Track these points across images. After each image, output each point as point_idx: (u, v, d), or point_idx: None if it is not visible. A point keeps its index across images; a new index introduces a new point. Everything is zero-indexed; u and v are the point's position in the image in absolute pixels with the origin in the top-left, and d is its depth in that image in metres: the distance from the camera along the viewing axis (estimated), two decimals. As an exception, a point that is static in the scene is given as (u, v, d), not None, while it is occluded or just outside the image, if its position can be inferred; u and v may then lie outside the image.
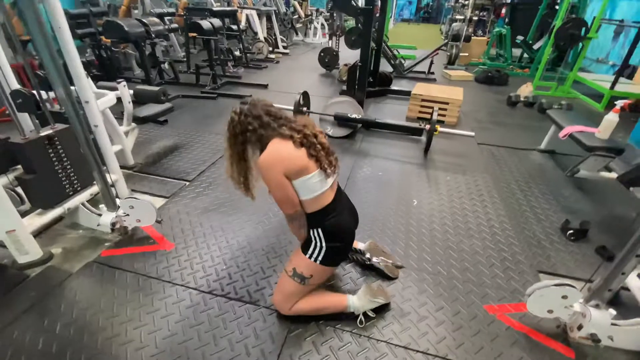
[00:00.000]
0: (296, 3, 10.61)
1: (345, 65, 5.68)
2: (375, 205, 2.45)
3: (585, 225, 2.16)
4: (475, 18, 9.76)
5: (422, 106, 4.16)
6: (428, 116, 4.00)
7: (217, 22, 4.88)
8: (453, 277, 1.84)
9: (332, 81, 5.99)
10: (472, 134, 3.17)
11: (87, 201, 2.07)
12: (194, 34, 5.24)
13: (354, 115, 3.52)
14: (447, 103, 4.04)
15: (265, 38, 7.63)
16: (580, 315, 1.44)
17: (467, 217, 2.37)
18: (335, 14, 6.87)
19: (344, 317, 1.56)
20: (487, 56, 7.84)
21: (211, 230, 2.12)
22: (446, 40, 6.33)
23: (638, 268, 1.34)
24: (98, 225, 2.02)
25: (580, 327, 1.44)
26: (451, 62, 7.31)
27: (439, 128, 3.25)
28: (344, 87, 4.59)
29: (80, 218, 2.10)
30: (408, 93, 4.44)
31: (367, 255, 1.82)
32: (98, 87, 2.64)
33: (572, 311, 1.45)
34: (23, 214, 1.78)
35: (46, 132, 1.76)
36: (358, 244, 1.86)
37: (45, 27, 1.48)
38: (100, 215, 2.01)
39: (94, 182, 1.98)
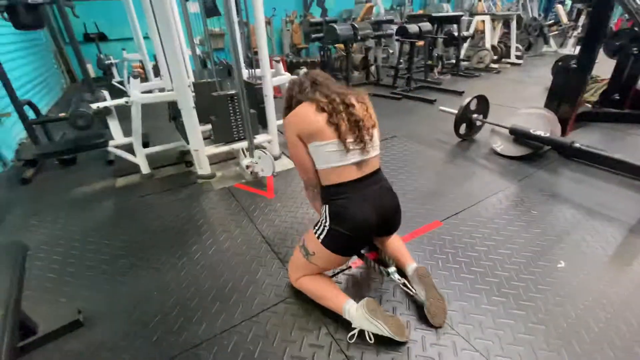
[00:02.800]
0: (560, 7, 8.63)
1: (600, 79, 4.18)
2: (499, 245, 1.79)
3: None
4: None
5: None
6: None
7: (426, 26, 4.88)
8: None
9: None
10: None
11: (246, 149, 2.81)
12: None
13: (538, 132, 2.62)
14: None
15: (493, 46, 6.80)
16: None
17: (657, 324, 1.31)
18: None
19: (343, 322, 1.36)
20: None
21: (302, 200, 2.33)
22: None
23: None
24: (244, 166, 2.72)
25: None
26: None
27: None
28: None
29: (240, 159, 2.89)
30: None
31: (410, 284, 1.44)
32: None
33: None
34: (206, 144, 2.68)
35: (231, 92, 2.55)
36: (409, 264, 1.49)
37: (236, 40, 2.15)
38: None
39: (256, 135, 2.65)
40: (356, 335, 1.28)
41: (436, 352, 1.24)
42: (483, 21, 6.90)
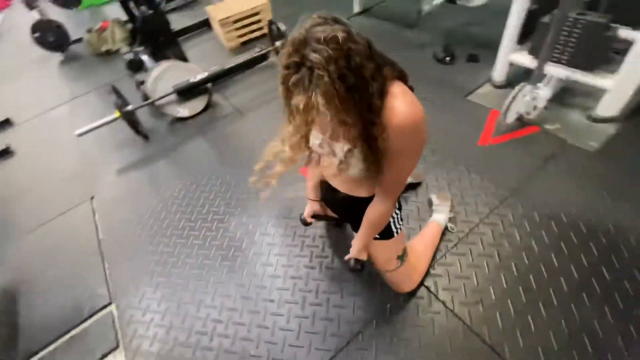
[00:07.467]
0: None
1: (89, 30, 4.02)
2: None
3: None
4: None
5: (238, 28, 3.56)
6: (252, 37, 3.58)
7: None
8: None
9: (84, 62, 4.08)
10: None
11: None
12: None
13: (199, 77, 2.70)
14: (257, 13, 3.59)
15: None
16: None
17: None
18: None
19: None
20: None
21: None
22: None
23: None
24: None
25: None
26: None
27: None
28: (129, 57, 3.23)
29: None
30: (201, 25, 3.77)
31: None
32: None
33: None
34: None
35: None
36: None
37: None
38: None
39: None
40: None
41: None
42: None
